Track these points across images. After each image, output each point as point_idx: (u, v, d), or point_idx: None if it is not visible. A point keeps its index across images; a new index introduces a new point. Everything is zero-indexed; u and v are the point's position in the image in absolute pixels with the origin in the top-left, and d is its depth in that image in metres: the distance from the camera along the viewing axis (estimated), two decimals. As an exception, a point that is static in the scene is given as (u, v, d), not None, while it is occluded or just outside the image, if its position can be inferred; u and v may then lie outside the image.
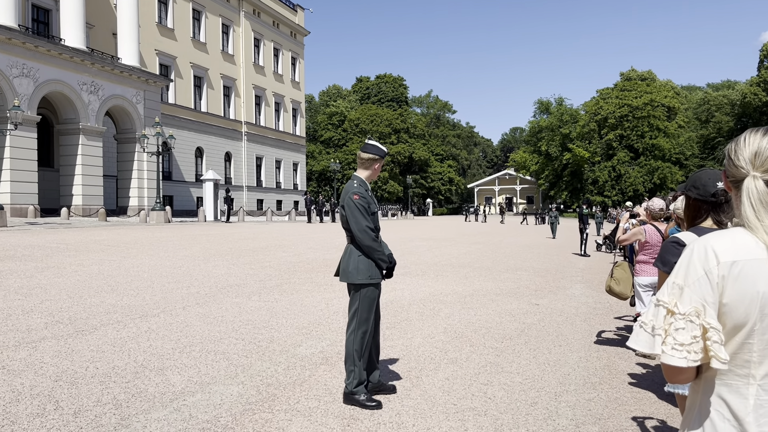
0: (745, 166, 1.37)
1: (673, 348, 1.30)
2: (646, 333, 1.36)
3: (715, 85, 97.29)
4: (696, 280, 1.32)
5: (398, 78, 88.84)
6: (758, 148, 1.36)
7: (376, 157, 4.33)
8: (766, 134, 1.37)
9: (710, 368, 1.32)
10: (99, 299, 8.05)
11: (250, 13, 52.10)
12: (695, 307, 1.30)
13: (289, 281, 10.39)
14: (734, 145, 1.42)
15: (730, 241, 1.33)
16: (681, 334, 1.30)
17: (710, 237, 1.37)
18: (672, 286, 1.36)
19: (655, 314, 1.36)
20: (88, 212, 30.78)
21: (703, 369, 1.35)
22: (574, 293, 10.03)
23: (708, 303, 1.30)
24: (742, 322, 1.29)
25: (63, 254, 13.28)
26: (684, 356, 1.29)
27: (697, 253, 1.35)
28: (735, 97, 75.04)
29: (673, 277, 1.37)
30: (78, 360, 5.09)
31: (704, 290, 1.30)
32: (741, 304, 1.29)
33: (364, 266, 4.18)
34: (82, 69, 30.88)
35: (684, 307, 1.31)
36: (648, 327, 1.36)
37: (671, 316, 1.33)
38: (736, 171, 1.39)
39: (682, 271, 1.35)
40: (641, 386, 4.86)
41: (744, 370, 1.32)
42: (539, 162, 76.86)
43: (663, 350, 1.32)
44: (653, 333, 1.34)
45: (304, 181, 62.38)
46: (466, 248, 19.39)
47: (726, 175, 1.44)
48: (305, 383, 4.67)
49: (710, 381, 1.36)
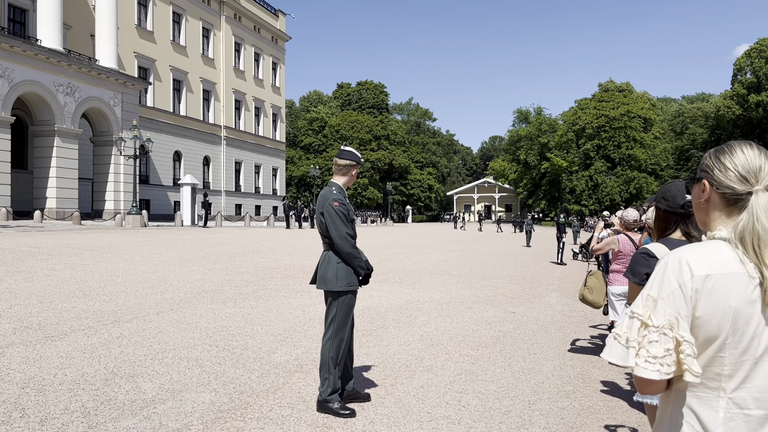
0: (750, 180, 1.37)
1: (646, 360, 1.30)
2: (620, 345, 1.35)
3: (690, 98, 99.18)
4: (670, 292, 1.32)
5: (379, 85, 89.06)
6: (759, 165, 1.37)
7: (353, 163, 4.32)
8: (762, 151, 1.39)
9: (681, 380, 1.32)
10: (70, 304, 7.91)
11: (231, 18, 51.86)
12: (669, 320, 1.30)
13: (265, 287, 10.32)
14: (729, 156, 1.41)
15: (704, 255, 1.33)
16: (654, 346, 1.29)
17: (685, 250, 1.37)
18: (646, 298, 1.35)
19: (630, 326, 1.35)
20: (62, 215, 30.27)
21: (674, 381, 1.36)
22: (550, 301, 10.10)
23: (681, 316, 1.30)
24: (714, 335, 1.30)
25: (35, 258, 13.04)
26: (657, 369, 1.29)
27: (672, 265, 1.34)
28: (709, 110, 76.62)
29: (648, 289, 1.36)
30: (46, 366, 4.99)
31: (678, 303, 1.31)
32: (714, 317, 1.29)
33: (343, 273, 4.16)
34: (59, 70, 30.43)
35: (658, 319, 1.31)
36: (622, 339, 1.35)
37: (645, 328, 1.32)
38: (733, 183, 1.38)
39: (657, 284, 1.35)
40: (614, 395, 4.90)
41: (715, 383, 1.32)
42: (518, 170, 77.56)
43: (636, 363, 1.31)
44: (627, 345, 1.34)
45: (283, 187, 62.09)
46: (445, 255, 19.44)
47: (710, 183, 1.43)
48: (279, 391, 4.63)
49: (681, 393, 1.36)
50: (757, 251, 1.31)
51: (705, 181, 1.45)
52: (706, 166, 1.46)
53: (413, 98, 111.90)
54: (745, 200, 1.37)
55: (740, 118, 69.23)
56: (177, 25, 45.64)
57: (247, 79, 54.57)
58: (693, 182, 1.53)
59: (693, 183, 1.53)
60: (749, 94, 67.68)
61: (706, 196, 1.45)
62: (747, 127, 69.43)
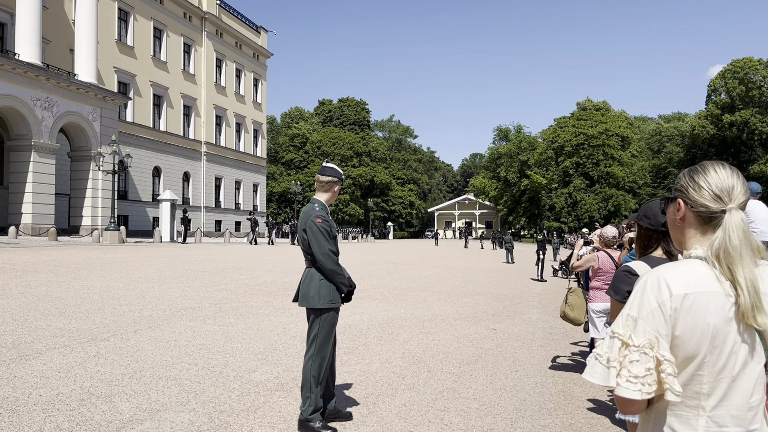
0: (724, 199, 1.40)
1: (627, 380, 1.30)
2: (601, 365, 1.35)
3: (667, 117, 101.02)
4: (650, 312, 1.32)
5: (361, 102, 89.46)
6: (732, 184, 1.40)
7: (335, 180, 4.32)
8: (734, 170, 1.43)
9: (662, 399, 1.33)
10: (45, 322, 7.75)
11: (212, 34, 51.85)
12: (649, 339, 1.31)
13: (245, 305, 10.21)
14: (703, 176, 1.44)
15: (682, 274, 1.35)
16: (635, 366, 1.30)
17: (663, 269, 1.38)
18: (626, 317, 1.36)
19: (610, 346, 1.36)
20: (38, 231, 29.78)
21: (655, 399, 1.36)
22: (531, 318, 10.13)
23: (661, 335, 1.31)
24: (693, 354, 1.31)
25: (9, 275, 12.78)
26: (638, 389, 1.29)
27: (650, 285, 1.35)
28: (685, 129, 78.13)
29: (627, 308, 1.37)
30: (20, 386, 4.87)
31: (658, 322, 1.31)
32: (693, 336, 1.30)
33: (325, 291, 4.13)
34: (37, 84, 30.10)
35: (638, 339, 1.32)
36: (603, 359, 1.35)
37: (626, 348, 1.33)
38: (707, 202, 1.41)
39: (636, 303, 1.36)
40: (595, 412, 4.91)
41: (694, 402, 1.33)
42: (498, 187, 78.16)
43: (618, 383, 1.31)
44: (608, 365, 1.34)
45: (264, 203, 61.81)
46: (426, 272, 19.44)
47: (685, 203, 1.46)
48: (259, 410, 4.57)
49: (661, 412, 1.37)
50: (732, 268, 1.33)
51: (680, 200, 1.48)
52: (680, 186, 1.49)
53: (394, 115, 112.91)
54: (719, 218, 1.40)
55: (715, 137, 70.65)
56: (158, 41, 45.49)
57: (228, 95, 54.47)
58: (668, 202, 1.56)
59: (668, 202, 1.56)
60: (723, 114, 69.14)
61: (681, 214, 1.48)
62: (721, 146, 70.88)
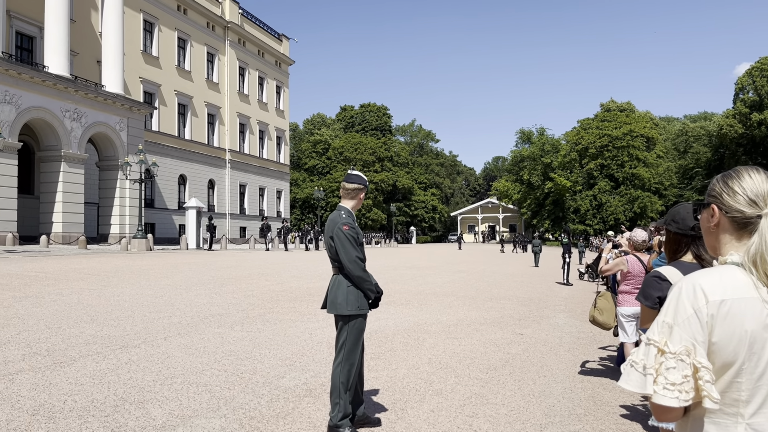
0: (759, 204, 1.39)
1: (664, 388, 1.30)
2: (638, 372, 1.35)
3: (693, 117, 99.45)
4: (685, 318, 1.32)
5: (382, 107, 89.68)
6: (767, 189, 1.40)
7: (361, 187, 4.35)
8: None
9: (699, 406, 1.32)
10: (78, 330, 7.91)
11: (235, 42, 52.47)
12: (686, 346, 1.30)
13: (272, 311, 10.30)
14: (737, 181, 1.44)
15: (718, 280, 1.34)
16: (672, 373, 1.29)
17: (698, 275, 1.37)
18: (662, 324, 1.35)
19: (646, 353, 1.35)
20: (68, 240, 30.36)
21: (692, 407, 1.35)
22: (558, 323, 10.05)
23: (698, 342, 1.30)
24: (731, 360, 1.30)
25: (42, 283, 13.06)
26: (676, 396, 1.28)
27: (686, 291, 1.35)
28: (712, 129, 76.75)
29: (663, 315, 1.37)
30: (56, 393, 4.98)
31: (694, 329, 1.31)
32: (730, 343, 1.29)
33: (353, 297, 4.16)
34: (66, 96, 30.76)
35: (674, 346, 1.31)
36: (639, 366, 1.35)
37: (662, 355, 1.32)
38: (742, 207, 1.41)
39: (671, 310, 1.35)
40: (626, 418, 4.86)
41: (733, 409, 1.32)
42: (521, 191, 77.63)
43: (655, 390, 1.31)
44: (644, 372, 1.33)
45: (287, 209, 62.25)
46: (450, 277, 19.39)
47: (719, 208, 1.45)
48: (289, 416, 4.61)
49: (699, 419, 1.35)
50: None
51: (714, 206, 1.47)
52: (714, 192, 1.48)
53: (416, 120, 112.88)
54: (754, 224, 1.39)
55: (743, 136, 69.30)
56: (182, 51, 46.19)
57: (252, 103, 55.04)
58: (701, 207, 1.55)
59: (702, 208, 1.55)
60: (751, 113, 67.78)
61: (715, 220, 1.47)
62: (750, 145, 69.48)
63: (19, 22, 32.36)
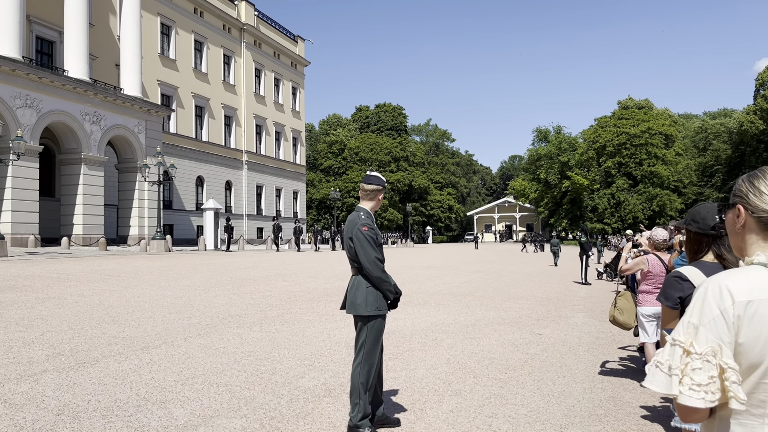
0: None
1: (690, 388, 1.29)
2: (663, 373, 1.34)
3: (712, 114, 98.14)
4: (711, 319, 1.31)
5: (397, 107, 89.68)
6: None
7: (379, 188, 4.35)
8: None
9: (725, 407, 1.31)
10: (100, 330, 8.01)
11: (251, 44, 52.78)
12: (712, 347, 1.29)
13: (290, 311, 10.36)
14: (763, 181, 1.43)
15: (745, 280, 1.33)
16: (698, 374, 1.29)
17: (724, 276, 1.36)
18: (687, 325, 1.35)
19: (671, 354, 1.35)
20: (88, 242, 30.76)
21: (718, 408, 1.34)
22: (577, 322, 9.99)
23: (724, 342, 1.29)
24: (757, 361, 1.29)
25: (63, 284, 13.25)
26: (702, 397, 1.28)
27: (712, 292, 1.34)
28: (732, 125, 75.66)
29: (688, 316, 1.36)
30: (80, 393, 5.06)
31: (720, 330, 1.30)
32: (756, 343, 1.28)
33: (372, 298, 4.17)
34: (85, 99, 31.16)
35: (700, 346, 1.30)
36: (664, 367, 1.34)
37: (687, 355, 1.31)
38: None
39: (697, 311, 1.34)
40: (647, 419, 4.82)
41: (759, 410, 1.31)
42: (538, 190, 77.20)
43: (680, 391, 1.30)
44: (670, 373, 1.33)
45: (304, 210, 62.48)
46: (467, 276, 19.35)
47: (745, 208, 1.45)
48: (308, 416, 4.64)
49: (725, 420, 1.34)
50: None
51: (740, 206, 1.46)
52: (740, 192, 1.47)
53: (431, 119, 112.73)
54: None
55: (764, 133, 68.20)
56: (199, 53, 46.56)
57: (268, 104, 55.33)
58: (726, 208, 1.54)
59: (727, 209, 1.54)
60: (773, 109, 66.77)
61: (741, 221, 1.46)
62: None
63: (39, 27, 32.84)
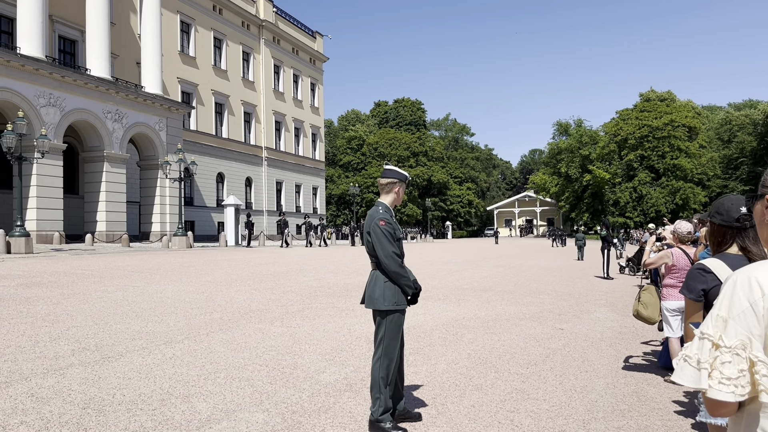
0: None
1: (720, 382, 1.28)
2: (692, 367, 1.33)
3: (737, 105, 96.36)
4: (741, 312, 1.29)
5: (416, 102, 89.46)
6: None
7: (395, 181, 4.33)
8: None
9: (754, 401, 1.30)
10: (124, 325, 8.12)
11: (270, 41, 52.98)
12: (741, 340, 1.28)
13: (310, 306, 10.40)
14: None
15: None
16: (727, 367, 1.27)
17: (753, 268, 1.35)
18: (716, 318, 1.33)
19: (700, 347, 1.33)
20: (111, 238, 31.19)
21: (746, 402, 1.32)
22: (599, 317, 9.89)
23: (754, 335, 1.28)
24: None
25: (88, 280, 13.45)
26: (732, 390, 1.26)
27: (741, 284, 1.32)
28: (757, 117, 74.22)
29: (717, 309, 1.34)
30: (105, 387, 5.13)
31: (750, 322, 1.28)
32: None
33: (390, 293, 4.16)
34: (107, 98, 31.55)
35: (730, 340, 1.29)
36: (693, 361, 1.33)
37: (716, 349, 1.30)
38: None
39: (726, 303, 1.33)
40: (672, 414, 4.76)
41: None
42: (559, 184, 76.52)
43: (710, 384, 1.29)
44: (699, 367, 1.32)
45: (323, 205, 62.70)
46: (487, 272, 19.27)
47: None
48: (330, 410, 4.65)
49: (754, 414, 1.32)
50: None
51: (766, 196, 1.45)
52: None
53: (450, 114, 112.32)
54: None
55: (790, 124, 66.94)
56: (218, 50, 46.86)
57: (287, 101, 55.54)
58: (754, 199, 1.52)
59: (755, 200, 1.52)
60: (799, 99, 65.42)
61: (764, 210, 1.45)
62: (798, 133, 67.10)
63: (61, 27, 33.29)
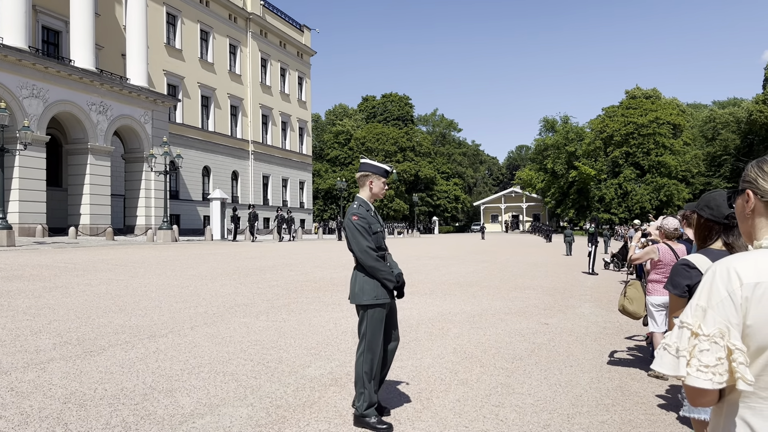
0: None
1: (698, 370, 1.29)
2: (671, 355, 1.35)
3: (721, 103, 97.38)
4: (719, 301, 1.31)
5: (404, 97, 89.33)
6: None
7: (368, 174, 4.30)
8: None
9: (733, 391, 1.32)
10: (107, 319, 8.03)
11: (257, 34, 52.64)
12: (719, 329, 1.29)
13: (296, 300, 10.36)
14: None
15: (753, 263, 1.33)
16: (706, 355, 1.29)
17: (732, 258, 1.37)
18: (695, 307, 1.35)
19: (679, 336, 1.35)
20: (95, 231, 30.89)
21: (726, 392, 1.35)
22: (584, 312, 9.95)
23: (732, 324, 1.29)
24: (765, 344, 1.29)
25: (71, 274, 13.30)
26: (709, 378, 1.28)
27: (720, 274, 1.34)
28: (741, 115, 75.08)
29: (696, 298, 1.36)
30: (87, 381, 5.07)
31: (728, 311, 1.30)
32: (764, 325, 1.28)
33: (369, 287, 4.14)
34: (91, 89, 31.19)
35: (708, 328, 1.31)
36: (672, 349, 1.35)
37: (695, 337, 1.32)
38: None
39: (705, 293, 1.35)
40: (656, 408, 4.79)
41: (767, 393, 1.30)
42: (545, 180, 76.88)
43: (688, 372, 1.31)
44: (677, 355, 1.33)
45: (310, 200, 62.54)
46: (473, 267, 19.32)
47: (754, 193, 1.45)
48: (315, 405, 4.63)
49: (733, 404, 1.35)
50: None
51: (749, 191, 1.47)
52: (749, 177, 1.49)
53: (438, 109, 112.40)
54: None
55: (773, 122, 67.65)
56: (205, 43, 46.49)
57: (274, 94, 55.26)
58: (736, 194, 1.55)
59: (736, 195, 1.55)
60: (782, 98, 66.15)
61: (750, 206, 1.47)
62: (781, 131, 67.84)
63: (45, 17, 32.84)
